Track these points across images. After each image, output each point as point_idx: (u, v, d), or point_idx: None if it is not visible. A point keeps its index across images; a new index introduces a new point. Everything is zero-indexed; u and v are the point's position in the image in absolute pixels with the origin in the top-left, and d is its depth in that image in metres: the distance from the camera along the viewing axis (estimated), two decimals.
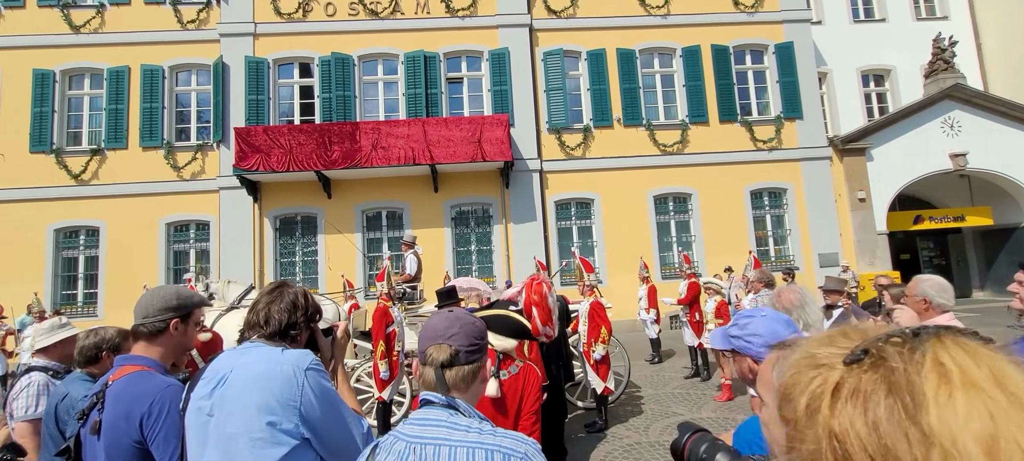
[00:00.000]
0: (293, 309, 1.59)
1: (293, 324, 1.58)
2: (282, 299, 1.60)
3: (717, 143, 13.84)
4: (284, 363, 1.43)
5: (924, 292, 2.78)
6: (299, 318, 1.60)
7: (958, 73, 14.37)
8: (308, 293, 1.69)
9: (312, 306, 1.66)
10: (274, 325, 1.55)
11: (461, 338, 1.28)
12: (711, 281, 6.83)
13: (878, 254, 13.95)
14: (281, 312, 1.57)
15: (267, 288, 1.65)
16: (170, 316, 1.78)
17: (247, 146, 11.85)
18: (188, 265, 13.09)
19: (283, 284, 1.66)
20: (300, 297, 1.63)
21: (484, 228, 13.46)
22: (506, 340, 2.49)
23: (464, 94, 13.74)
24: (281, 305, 1.58)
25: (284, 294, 1.61)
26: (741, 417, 6.04)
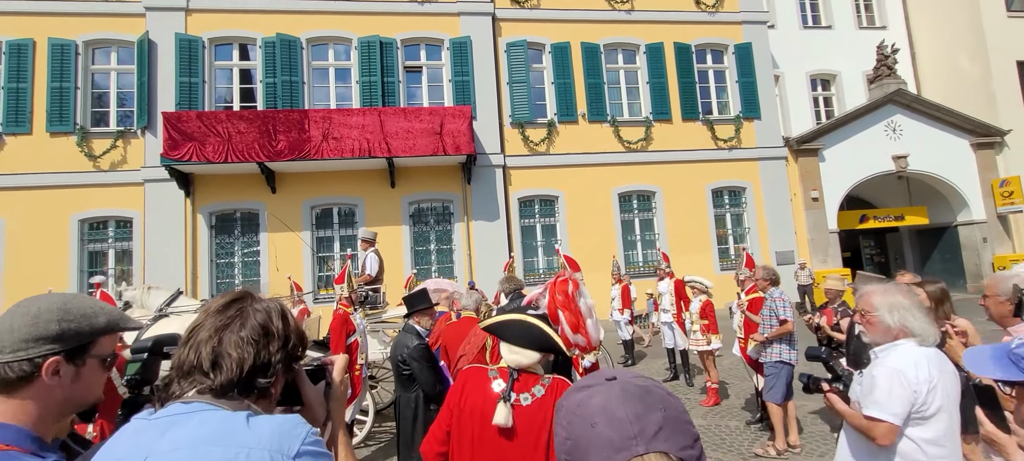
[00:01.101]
0: (262, 340, 0.94)
1: (264, 367, 0.93)
2: (243, 323, 0.94)
3: (680, 141, 13.80)
4: (252, 447, 0.80)
5: (1010, 292, 2.44)
6: (273, 356, 0.95)
7: (900, 79, 15.10)
8: (287, 312, 1.02)
9: (294, 334, 1.00)
10: (228, 371, 0.90)
11: (674, 434, 0.70)
12: (695, 280, 6.52)
13: (830, 252, 14.40)
14: (242, 346, 0.92)
15: (217, 303, 0.99)
16: (45, 351, 1.00)
17: (178, 133, 10.54)
18: (106, 267, 11.54)
19: (244, 297, 1.00)
20: (274, 319, 0.98)
21: (444, 226, 12.73)
22: (525, 353, 1.95)
23: (423, 84, 12.96)
24: (242, 333, 0.93)
25: (245, 314, 0.96)
26: (731, 423, 5.74)
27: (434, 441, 1.97)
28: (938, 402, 1.89)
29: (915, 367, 1.90)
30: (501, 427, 1.83)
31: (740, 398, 6.57)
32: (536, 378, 1.96)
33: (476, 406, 1.89)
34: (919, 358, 1.93)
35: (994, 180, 15.15)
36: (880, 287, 2.13)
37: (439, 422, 1.99)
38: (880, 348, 2.06)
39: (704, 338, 6.32)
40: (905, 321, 1.99)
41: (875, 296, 2.10)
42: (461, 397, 1.94)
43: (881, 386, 1.92)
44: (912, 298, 2.04)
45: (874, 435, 1.93)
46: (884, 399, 1.91)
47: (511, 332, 2.00)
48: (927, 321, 1.99)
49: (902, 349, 1.97)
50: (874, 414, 1.92)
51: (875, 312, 2.07)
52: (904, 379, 1.89)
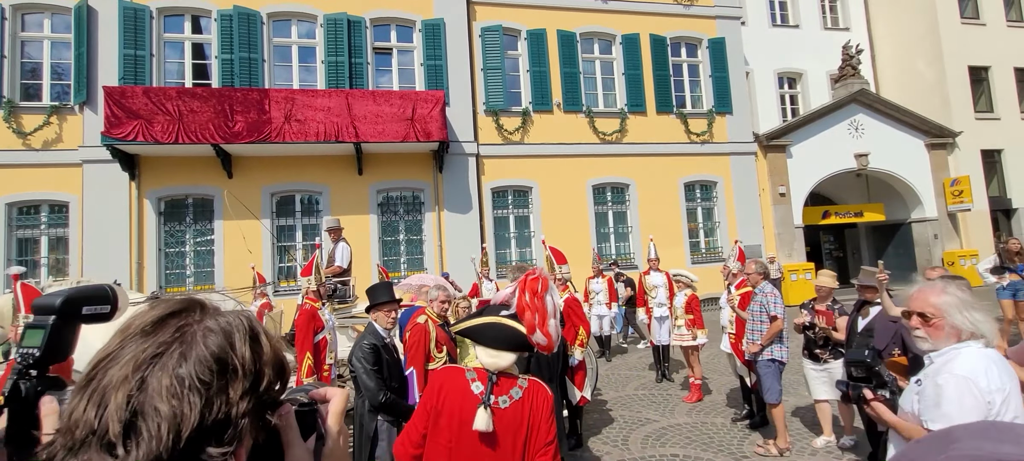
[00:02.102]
0: (216, 382, 0.58)
1: (218, 427, 0.57)
2: (184, 353, 0.59)
3: (654, 134, 13.74)
4: None
5: None
6: (235, 406, 0.59)
7: (863, 79, 15.54)
8: (258, 331, 0.67)
9: (269, 365, 0.65)
10: (154, 440, 0.52)
11: None
12: (681, 274, 6.36)
13: (795, 247, 14.72)
14: (179, 395, 0.56)
15: (143, 319, 0.63)
16: None
17: (121, 110, 9.62)
18: (38, 256, 10.50)
19: (189, 309, 0.64)
20: (237, 345, 0.62)
21: (414, 216, 12.23)
22: (503, 355, 1.94)
23: (393, 67, 12.36)
24: (180, 371, 0.57)
25: (189, 338, 0.60)
26: (717, 420, 5.61)
27: (409, 443, 1.93)
28: (1012, 411, 1.66)
29: (986, 374, 1.67)
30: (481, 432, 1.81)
31: (722, 393, 6.48)
32: (513, 380, 1.94)
33: (454, 409, 1.87)
34: (989, 363, 1.70)
35: (945, 179, 15.84)
36: (937, 286, 1.89)
37: (414, 424, 1.94)
38: (938, 353, 1.82)
39: (689, 333, 6.17)
40: (977, 323, 1.76)
41: (935, 295, 1.85)
42: (438, 399, 1.91)
43: (950, 397, 1.68)
44: (971, 294, 1.82)
45: None
46: (955, 412, 1.66)
47: (488, 335, 1.97)
48: (987, 321, 1.77)
49: (969, 353, 1.74)
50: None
51: (943, 316, 1.82)
52: (976, 388, 1.66)
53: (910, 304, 1.94)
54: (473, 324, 2.08)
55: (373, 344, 3.25)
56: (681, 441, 5.07)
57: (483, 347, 1.98)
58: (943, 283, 1.89)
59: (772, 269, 13.23)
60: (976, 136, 16.22)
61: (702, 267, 13.02)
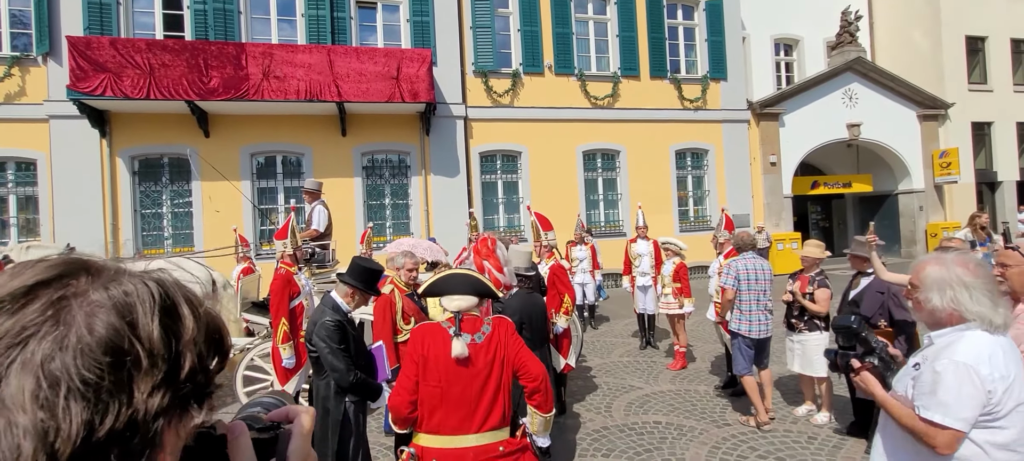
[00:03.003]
0: (107, 376, 0.41)
1: (129, 432, 0.42)
2: (61, 340, 0.40)
3: (647, 99, 13.45)
4: None
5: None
6: (141, 407, 0.42)
7: (860, 47, 15.27)
8: (177, 301, 0.49)
9: (199, 337, 0.49)
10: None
11: None
12: (670, 241, 6.24)
13: (783, 216, 14.72)
14: (57, 401, 0.39)
15: (9, 286, 0.43)
16: None
17: (87, 62, 9.09)
18: (7, 216, 10.10)
19: (68, 272, 0.45)
20: (141, 321, 0.44)
21: (400, 179, 11.94)
22: (465, 297, 2.30)
23: (378, 22, 11.82)
24: (57, 364, 0.40)
25: (66, 320, 0.42)
26: (701, 388, 5.60)
27: (405, 392, 2.21)
28: (1015, 399, 1.55)
29: (990, 362, 1.55)
30: (461, 360, 2.16)
31: (706, 362, 6.47)
32: (480, 320, 2.31)
33: (439, 353, 2.19)
34: (994, 350, 1.57)
35: (934, 151, 15.83)
36: (939, 259, 1.74)
37: (407, 374, 2.23)
38: (939, 334, 1.69)
39: (676, 301, 6.10)
40: (958, 302, 1.61)
41: (928, 267, 1.71)
42: (423, 348, 2.21)
43: (948, 385, 1.56)
44: (981, 274, 1.65)
45: (934, 443, 1.58)
46: (952, 401, 1.55)
47: (451, 284, 2.34)
48: (992, 304, 1.60)
49: (972, 338, 1.61)
50: (937, 419, 1.57)
51: (922, 291, 1.69)
52: (977, 377, 1.54)
53: (911, 275, 1.82)
54: (435, 280, 2.40)
55: (338, 321, 2.96)
56: (664, 408, 5.05)
57: (448, 295, 2.31)
58: (946, 257, 1.75)
59: (760, 238, 13.24)
60: (968, 108, 16.15)
61: (690, 235, 12.96)
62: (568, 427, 4.71)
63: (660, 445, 4.27)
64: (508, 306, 3.81)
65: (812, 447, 4.12)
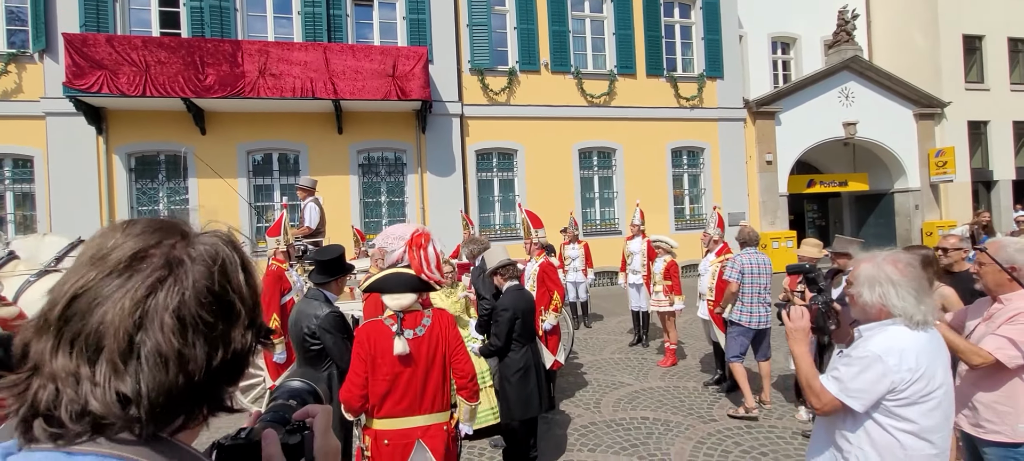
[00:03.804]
0: (223, 322, 0.60)
1: (233, 364, 0.61)
2: (182, 289, 0.57)
3: (643, 97, 13.47)
4: None
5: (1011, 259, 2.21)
6: (241, 342, 0.62)
7: (857, 45, 15.29)
8: (248, 259, 0.66)
9: (250, 295, 0.65)
10: (161, 377, 0.55)
11: None
12: (661, 240, 6.29)
13: (779, 215, 14.77)
14: (188, 336, 0.57)
15: (123, 249, 0.57)
16: None
17: (83, 59, 9.12)
18: (4, 212, 10.14)
19: (169, 231, 0.62)
20: (231, 275, 0.62)
21: (396, 177, 11.98)
22: (404, 296, 2.46)
23: (374, 20, 11.84)
24: (184, 308, 0.57)
25: (181, 273, 0.58)
26: (690, 384, 5.65)
27: (356, 388, 2.38)
28: (923, 392, 1.65)
29: (900, 355, 1.66)
30: (404, 356, 2.37)
31: (696, 358, 6.52)
32: (420, 314, 2.51)
33: (386, 349, 2.38)
34: (907, 346, 1.67)
35: (931, 150, 15.86)
36: (873, 256, 1.83)
37: (356, 371, 2.40)
38: (866, 327, 1.79)
39: (667, 299, 6.14)
40: (886, 299, 1.72)
41: (861, 266, 1.82)
42: (371, 346, 2.40)
43: (853, 366, 1.71)
44: (909, 273, 1.74)
45: (816, 400, 1.77)
46: (848, 379, 1.70)
47: (389, 284, 2.50)
48: (917, 301, 1.70)
49: (889, 333, 1.71)
50: (830, 387, 1.73)
51: (855, 286, 1.79)
52: (882, 366, 1.66)
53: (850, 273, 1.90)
54: (376, 278, 2.59)
55: (338, 312, 3.08)
56: (652, 404, 5.10)
57: (388, 294, 2.49)
58: (878, 256, 1.82)
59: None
60: (964, 107, 16.17)
61: (686, 234, 13.02)
62: (556, 423, 4.76)
63: (646, 440, 4.32)
64: (502, 302, 3.86)
65: (795, 443, 4.17)
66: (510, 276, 4.02)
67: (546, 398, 4.31)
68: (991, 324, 2.28)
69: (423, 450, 2.40)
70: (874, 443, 1.70)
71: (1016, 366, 2.12)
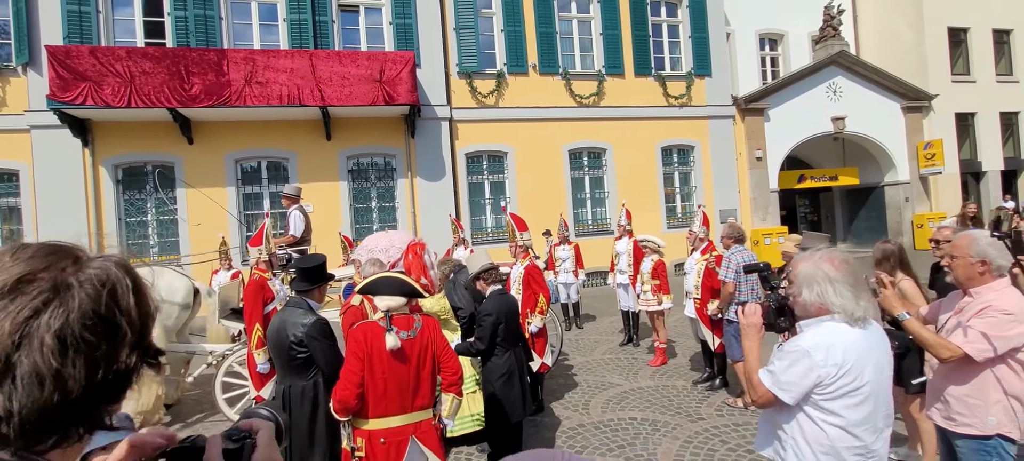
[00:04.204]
0: (105, 343, 0.61)
1: (115, 382, 0.63)
2: (65, 311, 0.58)
3: (632, 97, 13.50)
4: None
5: (983, 252, 2.22)
6: (125, 362, 0.63)
7: (843, 41, 15.38)
8: (140, 281, 0.66)
9: (153, 310, 0.68)
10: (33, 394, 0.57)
11: None
12: (648, 239, 6.29)
13: (769, 211, 14.82)
14: (68, 356, 0.58)
15: (11, 273, 0.58)
16: None
17: (67, 71, 9.07)
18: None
19: (59, 256, 0.62)
20: (119, 297, 0.63)
21: (386, 182, 11.95)
22: (394, 298, 2.58)
23: (361, 26, 11.83)
24: (66, 329, 0.58)
25: (67, 296, 0.59)
26: (679, 383, 5.66)
27: (352, 386, 2.47)
28: (849, 387, 1.69)
29: (826, 351, 1.69)
30: (398, 355, 2.49)
31: (686, 357, 6.53)
32: (412, 318, 2.64)
33: (382, 349, 2.49)
34: (836, 341, 1.71)
35: (919, 142, 15.96)
36: (811, 255, 1.85)
37: (352, 369, 2.49)
38: (805, 322, 1.83)
39: (655, 298, 6.15)
40: (824, 296, 1.75)
41: (799, 265, 1.85)
42: (367, 345, 2.50)
43: (784, 360, 1.76)
44: (845, 269, 1.77)
45: (753, 392, 1.84)
46: (780, 371, 1.76)
47: (381, 286, 2.64)
48: (855, 297, 1.73)
49: (823, 328, 1.76)
50: (764, 380, 1.80)
51: (794, 285, 1.83)
52: (809, 361, 1.70)
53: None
54: (369, 281, 2.70)
55: (325, 319, 3.09)
56: (641, 404, 5.09)
57: (379, 296, 2.60)
58: (818, 255, 1.84)
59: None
60: (951, 99, 16.28)
61: (678, 232, 13.01)
62: (544, 425, 4.75)
63: (633, 441, 4.31)
64: (485, 306, 3.84)
65: None
66: (493, 280, 4.01)
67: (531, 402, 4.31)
68: (961, 317, 2.29)
69: (418, 446, 2.54)
70: (805, 434, 1.75)
71: (985, 359, 2.13)
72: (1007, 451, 2.18)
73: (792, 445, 1.78)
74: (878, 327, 1.82)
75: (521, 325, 4.76)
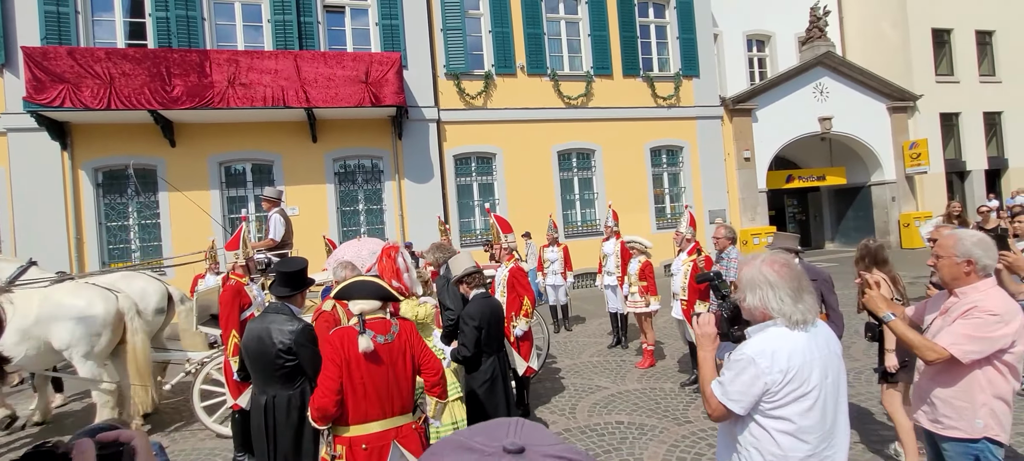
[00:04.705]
0: None
1: None
2: None
3: (620, 98, 13.49)
4: None
5: (969, 252, 2.17)
6: None
7: (829, 42, 15.49)
8: None
9: None
10: None
11: None
12: (635, 240, 6.24)
13: (758, 211, 14.86)
14: None
15: None
16: None
17: (44, 73, 8.86)
18: None
19: None
20: None
21: (374, 185, 11.82)
22: (369, 302, 2.56)
23: (346, 27, 11.70)
24: None
25: None
26: (667, 385, 5.60)
27: (331, 393, 2.40)
28: (797, 393, 1.64)
29: (771, 357, 1.65)
30: (375, 359, 2.44)
31: (674, 358, 6.48)
32: (389, 322, 2.59)
33: (358, 353, 2.45)
34: (780, 347, 1.66)
35: (905, 142, 16.11)
36: (752, 260, 1.81)
37: (330, 376, 2.42)
38: (751, 329, 1.79)
39: (643, 300, 6.09)
40: (766, 301, 1.71)
41: (743, 270, 1.81)
42: (344, 351, 2.44)
43: (732, 370, 1.72)
44: (785, 273, 1.72)
45: (708, 406, 1.80)
46: (728, 382, 1.72)
47: (357, 290, 2.60)
48: (795, 301, 1.69)
49: (767, 334, 1.71)
50: (715, 391, 1.75)
51: (739, 291, 1.79)
52: (755, 368, 1.66)
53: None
54: (344, 285, 2.66)
55: (310, 325, 3.04)
56: (628, 408, 5.03)
57: (354, 300, 2.58)
58: (758, 259, 1.80)
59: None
60: (936, 99, 16.46)
61: (667, 233, 13.01)
62: None
63: (619, 446, 4.24)
64: (468, 310, 3.76)
65: None
66: (476, 284, 3.91)
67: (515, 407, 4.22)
68: (947, 318, 2.24)
69: (399, 450, 2.47)
70: (757, 442, 1.71)
71: (971, 361, 2.08)
72: (995, 454, 2.13)
73: (747, 456, 1.74)
74: (824, 328, 1.78)
75: (506, 329, 4.68)
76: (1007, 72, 17.47)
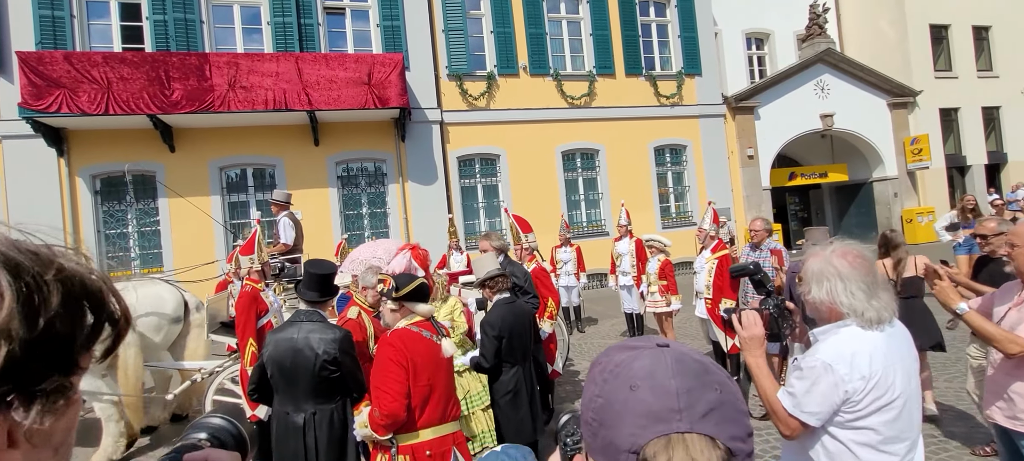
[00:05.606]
0: None
1: None
2: None
3: (623, 97, 13.41)
4: None
5: None
6: None
7: (829, 39, 15.50)
8: None
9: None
10: None
11: (726, 421, 0.56)
12: (654, 239, 6.13)
13: (762, 208, 14.81)
14: None
15: None
16: None
17: (40, 78, 8.66)
18: None
19: None
20: None
21: (377, 188, 11.66)
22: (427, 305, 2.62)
23: (347, 28, 11.55)
24: None
25: None
26: None
27: (401, 397, 2.35)
28: (881, 401, 1.48)
29: (850, 362, 1.49)
30: (440, 362, 2.49)
31: None
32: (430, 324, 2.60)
33: (426, 354, 2.45)
34: (859, 349, 1.50)
35: (905, 138, 16.13)
36: (821, 250, 1.65)
37: (398, 379, 2.36)
38: (820, 330, 1.62)
39: (663, 299, 5.97)
40: (834, 295, 1.55)
41: (809, 261, 1.65)
42: (410, 354, 2.40)
43: (805, 379, 1.53)
44: (859, 265, 1.56)
45: (781, 424, 1.59)
46: (802, 394, 1.53)
47: (418, 293, 2.58)
48: (868, 297, 1.53)
49: (842, 336, 1.54)
50: (785, 403, 1.56)
51: (804, 283, 1.63)
52: (833, 376, 1.49)
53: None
54: (414, 287, 2.58)
55: (347, 333, 2.86)
56: None
57: (423, 303, 2.60)
58: (827, 249, 1.64)
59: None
60: (935, 95, 16.50)
61: (672, 232, 12.94)
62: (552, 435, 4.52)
63: None
64: (488, 318, 3.52)
65: None
66: (500, 289, 3.71)
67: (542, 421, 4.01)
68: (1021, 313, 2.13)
69: (458, 456, 2.50)
70: (833, 457, 1.54)
71: None
72: None
73: None
74: (901, 328, 1.62)
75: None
76: (1004, 67, 17.56)
